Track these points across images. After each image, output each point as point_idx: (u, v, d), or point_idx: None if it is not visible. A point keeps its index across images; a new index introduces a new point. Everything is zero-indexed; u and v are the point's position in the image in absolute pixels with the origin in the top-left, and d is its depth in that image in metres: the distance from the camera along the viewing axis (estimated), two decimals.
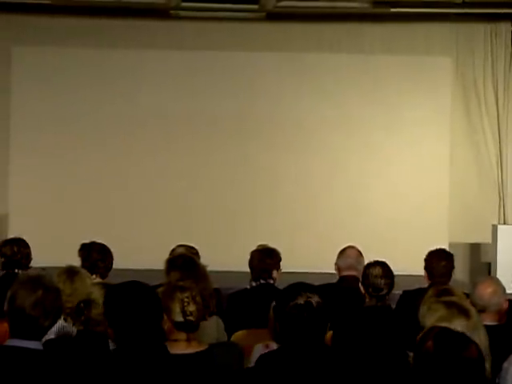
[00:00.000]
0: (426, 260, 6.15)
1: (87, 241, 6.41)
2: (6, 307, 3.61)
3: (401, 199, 10.04)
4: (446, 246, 8.46)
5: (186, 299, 4.14)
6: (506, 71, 10.58)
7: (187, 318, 4.12)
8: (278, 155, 10.25)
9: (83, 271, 5.33)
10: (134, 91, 10.27)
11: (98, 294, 4.30)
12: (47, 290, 3.65)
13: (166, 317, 4.16)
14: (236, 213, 10.15)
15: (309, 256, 9.68)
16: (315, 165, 10.08)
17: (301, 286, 3.56)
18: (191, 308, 4.13)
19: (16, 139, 10.27)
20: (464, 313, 3.78)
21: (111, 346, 3.94)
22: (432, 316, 3.86)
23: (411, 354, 3.90)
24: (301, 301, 3.47)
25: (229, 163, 9.84)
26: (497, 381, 3.63)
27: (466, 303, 4.01)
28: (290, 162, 10.28)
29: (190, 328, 4.14)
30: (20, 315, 3.58)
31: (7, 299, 3.62)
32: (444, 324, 3.72)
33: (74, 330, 4.45)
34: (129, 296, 3.81)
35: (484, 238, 9.74)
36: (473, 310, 3.90)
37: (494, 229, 9.40)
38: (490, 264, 9.49)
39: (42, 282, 3.71)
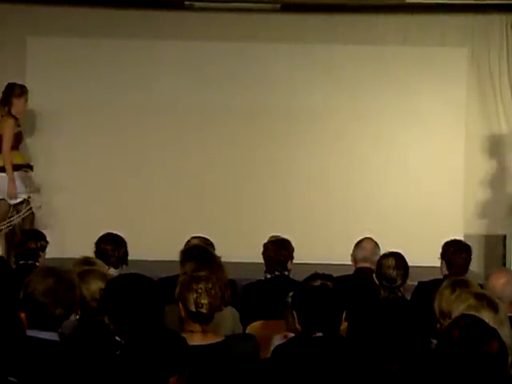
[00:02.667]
0: (444, 251, 6.15)
1: (103, 232, 6.45)
2: (20, 295, 3.66)
3: (415, 190, 10.01)
4: (461, 237, 8.49)
5: (199, 290, 4.18)
6: None
7: (199, 309, 4.16)
8: (291, 147, 10.23)
9: (99, 262, 5.36)
10: (148, 81, 10.26)
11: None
12: (60, 279, 3.69)
13: (181, 306, 4.20)
14: (250, 204, 10.16)
15: (323, 247, 9.72)
16: (329, 156, 10.05)
17: (317, 274, 3.59)
18: (203, 300, 4.16)
19: (30, 126, 10.22)
20: (493, 306, 3.76)
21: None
22: (461, 304, 3.84)
23: (434, 341, 3.91)
24: (317, 283, 3.49)
25: (242, 154, 9.82)
26: None
27: (494, 297, 3.99)
28: (303, 154, 10.25)
29: (202, 319, 4.18)
30: (31, 302, 3.63)
31: (22, 291, 3.66)
32: (471, 312, 3.72)
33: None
34: (126, 289, 3.82)
35: (499, 229, 9.71)
36: (501, 305, 3.86)
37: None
38: (504, 255, 9.47)
39: (54, 271, 3.75)
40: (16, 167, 8.76)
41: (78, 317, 4.37)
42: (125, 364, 3.28)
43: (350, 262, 6.62)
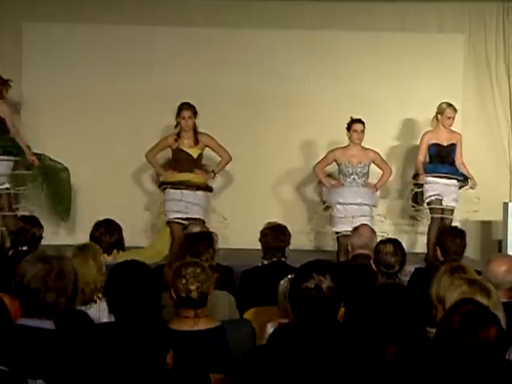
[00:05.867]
0: (439, 237, 6.15)
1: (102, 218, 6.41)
2: (13, 284, 3.61)
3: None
4: (457, 224, 8.47)
5: (187, 276, 4.18)
6: None
7: (188, 295, 4.18)
8: (286, 130, 10.25)
9: (95, 248, 5.31)
10: (144, 66, 10.27)
11: None
12: (50, 264, 3.64)
13: (173, 292, 4.18)
14: (242, 189, 10.17)
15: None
16: (323, 139, 10.00)
17: (314, 266, 3.51)
18: (192, 286, 4.17)
19: (26, 119, 10.24)
20: (486, 292, 3.82)
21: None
22: (455, 291, 3.87)
23: (430, 330, 3.90)
24: (311, 284, 3.44)
25: (238, 137, 9.74)
26: (507, 356, 3.61)
27: (487, 282, 3.99)
28: (299, 136, 10.30)
29: (193, 304, 4.19)
30: (22, 289, 3.59)
31: (15, 279, 3.62)
32: (456, 297, 3.72)
33: None
34: (125, 275, 3.80)
35: (495, 215, 9.68)
36: (494, 290, 3.94)
37: (505, 206, 9.34)
38: (500, 242, 9.45)
39: (45, 257, 3.71)
40: None
41: None
42: (119, 347, 3.29)
43: None
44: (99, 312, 4.52)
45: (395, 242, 5.59)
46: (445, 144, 9.14)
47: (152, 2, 10.30)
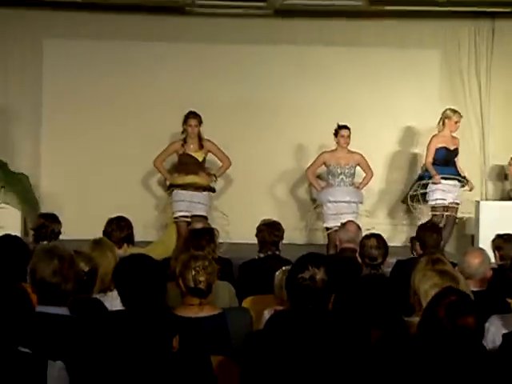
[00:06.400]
0: (418, 233, 6.13)
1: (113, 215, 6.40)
2: (28, 280, 3.59)
3: (391, 177, 10.01)
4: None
5: (197, 268, 4.17)
6: (487, 63, 10.58)
7: (197, 285, 4.16)
8: (280, 135, 10.22)
9: (108, 242, 5.30)
10: (153, 79, 10.26)
11: None
12: (61, 258, 3.64)
13: (181, 282, 4.17)
14: (240, 189, 10.16)
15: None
16: (314, 143, 9.96)
17: (310, 259, 3.52)
18: (201, 277, 4.16)
19: (47, 122, 10.26)
20: (454, 280, 3.83)
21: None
22: (426, 282, 3.89)
23: (407, 319, 3.90)
24: (306, 275, 3.44)
25: (236, 142, 9.70)
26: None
27: (456, 272, 4.00)
28: (291, 141, 10.28)
29: (200, 294, 4.18)
30: (43, 285, 3.56)
31: (29, 273, 3.61)
32: (436, 290, 3.72)
33: None
34: (133, 267, 3.77)
35: (468, 212, 9.67)
36: (462, 278, 3.97)
37: (477, 204, 9.34)
38: (473, 236, 9.44)
39: (55, 251, 3.70)
40: None
41: None
42: (130, 332, 3.28)
43: None
44: (113, 300, 4.50)
45: (378, 237, 5.59)
46: (452, 148, 9.06)
47: (159, 20, 10.26)
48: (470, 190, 9.22)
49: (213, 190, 8.98)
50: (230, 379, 3.56)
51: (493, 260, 5.50)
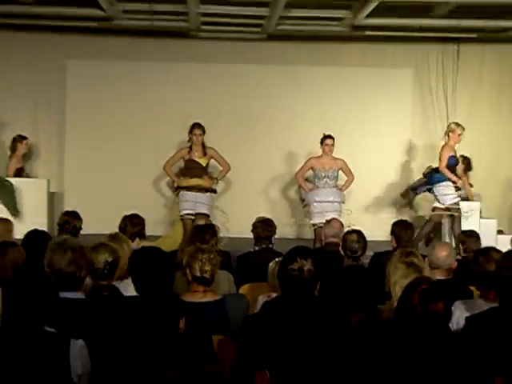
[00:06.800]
0: (393, 229, 6.10)
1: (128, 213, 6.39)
2: (47, 271, 3.59)
3: (371, 181, 9.99)
4: (407, 218, 8.46)
5: (204, 259, 4.15)
6: (453, 80, 10.60)
7: (203, 275, 4.15)
8: (273, 144, 10.22)
9: (123, 237, 5.30)
10: (162, 95, 10.23)
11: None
12: (74, 249, 3.68)
13: (188, 271, 4.17)
14: (238, 191, 10.15)
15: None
16: (302, 150, 9.91)
17: (297, 252, 3.53)
18: (207, 267, 4.15)
19: (70, 135, 10.26)
20: (418, 271, 3.83)
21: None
22: (396, 273, 3.89)
23: (380, 307, 3.91)
24: (295, 266, 3.45)
25: (235, 149, 9.66)
26: None
27: (422, 263, 4.00)
28: (283, 148, 10.26)
29: (205, 282, 4.18)
30: (61, 274, 3.57)
31: (46, 265, 3.62)
32: (402, 280, 3.74)
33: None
34: (146, 258, 3.75)
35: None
36: (426, 269, 3.98)
37: None
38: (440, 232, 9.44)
39: (67, 244, 3.72)
40: None
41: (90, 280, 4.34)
42: (142, 315, 3.27)
43: None
44: (128, 286, 4.51)
45: (359, 232, 5.58)
46: (457, 157, 8.96)
47: (169, 44, 10.27)
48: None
49: (214, 191, 8.99)
50: (229, 355, 3.57)
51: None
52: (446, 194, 8.70)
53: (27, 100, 10.21)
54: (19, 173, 9.43)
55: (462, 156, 9.76)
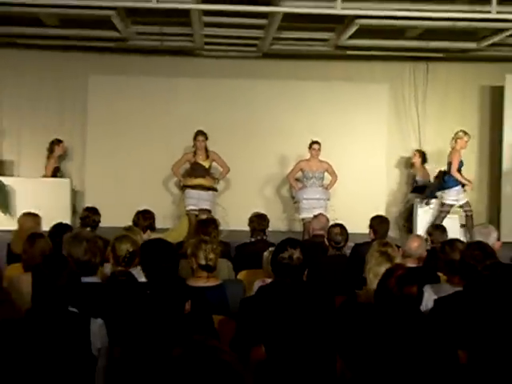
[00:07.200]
0: (371, 222, 6.09)
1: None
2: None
3: (352, 181, 9.99)
4: (383, 213, 8.47)
5: (207, 249, 4.14)
6: (423, 94, 10.58)
7: (208, 262, 4.13)
8: (267, 149, 10.15)
9: (136, 229, 5.30)
10: (171, 106, 10.20)
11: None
12: (88, 240, 3.73)
13: (194, 260, 4.16)
14: (237, 189, 10.11)
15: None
16: (293, 154, 9.83)
17: (288, 243, 3.54)
18: (211, 256, 4.13)
19: (91, 141, 10.23)
20: (390, 260, 3.86)
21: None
22: (371, 261, 3.90)
23: (357, 291, 3.92)
24: (286, 255, 3.45)
25: (234, 154, 9.60)
26: None
27: (394, 253, 4.01)
28: (276, 153, 10.21)
29: (209, 269, 4.16)
30: (78, 262, 3.59)
31: (66, 255, 3.64)
32: (375, 267, 3.75)
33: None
34: (153, 249, 3.76)
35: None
36: (396, 258, 3.98)
37: (416, 205, 9.30)
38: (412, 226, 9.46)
39: (81, 236, 3.75)
40: None
41: (111, 266, 4.34)
42: (151, 300, 3.27)
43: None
44: (138, 272, 4.51)
45: (341, 226, 5.59)
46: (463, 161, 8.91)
47: (177, 61, 10.23)
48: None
49: (216, 189, 8.99)
50: (228, 333, 3.57)
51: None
52: (457, 198, 8.68)
53: (54, 109, 10.18)
54: (55, 172, 9.44)
55: (419, 151, 9.81)
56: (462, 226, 8.73)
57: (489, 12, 7.19)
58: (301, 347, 3.30)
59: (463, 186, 8.71)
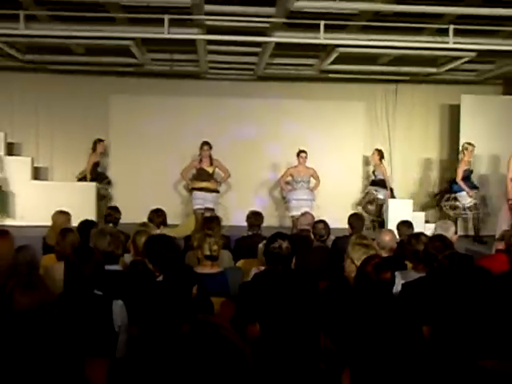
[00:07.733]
0: (349, 219, 6.09)
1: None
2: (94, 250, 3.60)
3: (334, 184, 9.99)
4: (359, 211, 8.46)
5: (211, 242, 4.13)
6: (393, 111, 10.60)
7: (212, 253, 4.12)
8: (262, 157, 10.13)
9: (151, 225, 5.29)
10: (181, 121, 10.17)
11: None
12: (111, 234, 3.73)
13: (199, 251, 4.15)
14: (236, 192, 10.07)
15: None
16: (284, 161, 9.84)
17: (278, 235, 3.54)
18: (214, 247, 4.12)
19: (113, 152, 10.19)
20: (367, 250, 3.77)
21: None
22: (352, 252, 3.85)
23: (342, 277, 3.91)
24: (276, 245, 3.46)
25: (234, 161, 9.57)
26: None
27: (372, 244, 4.00)
28: (269, 160, 10.18)
29: (213, 259, 4.14)
30: (103, 253, 3.60)
31: (92, 247, 3.63)
32: (357, 255, 3.72)
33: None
34: (158, 243, 3.72)
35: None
36: (374, 249, 3.91)
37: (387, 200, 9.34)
38: (383, 221, 9.45)
39: (105, 231, 3.74)
40: None
41: (131, 256, 4.33)
42: (164, 285, 3.27)
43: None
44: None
45: (324, 222, 5.59)
46: (470, 169, 8.84)
47: (184, 83, 10.20)
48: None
49: (218, 191, 9.00)
50: (229, 313, 3.58)
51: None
52: (465, 201, 8.71)
53: (80, 125, 10.15)
54: (96, 166, 9.46)
55: (377, 149, 9.80)
56: (427, 221, 8.74)
57: (447, 43, 7.33)
58: (290, 324, 3.30)
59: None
